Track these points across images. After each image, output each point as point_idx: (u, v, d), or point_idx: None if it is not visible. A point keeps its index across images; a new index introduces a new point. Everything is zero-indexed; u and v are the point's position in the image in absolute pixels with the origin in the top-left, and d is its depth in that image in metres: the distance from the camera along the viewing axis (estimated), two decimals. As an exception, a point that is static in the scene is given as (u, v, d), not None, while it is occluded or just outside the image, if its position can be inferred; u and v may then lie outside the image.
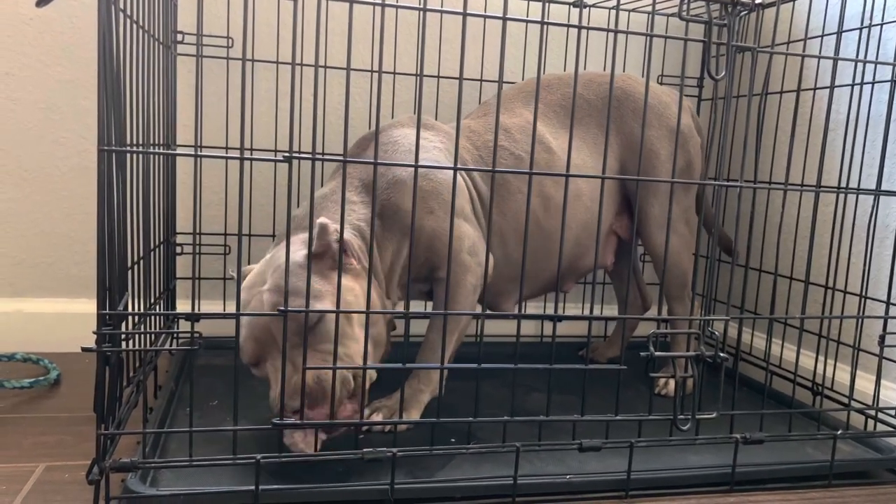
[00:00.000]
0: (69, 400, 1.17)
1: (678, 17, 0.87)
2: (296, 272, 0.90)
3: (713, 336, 0.95)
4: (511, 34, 1.55)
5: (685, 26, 0.90)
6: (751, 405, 1.22)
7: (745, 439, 0.97)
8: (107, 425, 0.80)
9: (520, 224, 1.14)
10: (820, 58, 0.98)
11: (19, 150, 1.38)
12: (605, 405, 1.00)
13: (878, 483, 1.03)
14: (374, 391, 1.13)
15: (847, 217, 1.27)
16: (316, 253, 0.91)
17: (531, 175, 0.86)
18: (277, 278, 0.91)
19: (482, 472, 0.92)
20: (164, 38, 1.22)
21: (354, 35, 1.49)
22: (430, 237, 1.05)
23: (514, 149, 1.16)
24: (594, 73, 1.28)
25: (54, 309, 1.42)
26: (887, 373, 1.17)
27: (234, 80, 1.42)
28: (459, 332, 1.08)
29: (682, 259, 1.26)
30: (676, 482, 0.96)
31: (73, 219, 1.42)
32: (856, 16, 1.27)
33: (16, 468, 0.92)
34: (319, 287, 0.90)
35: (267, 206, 1.46)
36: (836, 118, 1.30)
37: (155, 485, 0.83)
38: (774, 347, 1.41)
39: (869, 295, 1.20)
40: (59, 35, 1.37)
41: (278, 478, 0.87)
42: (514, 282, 1.19)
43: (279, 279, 0.90)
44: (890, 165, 1.21)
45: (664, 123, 1.23)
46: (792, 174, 1.39)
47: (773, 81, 1.48)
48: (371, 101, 1.50)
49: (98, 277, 0.79)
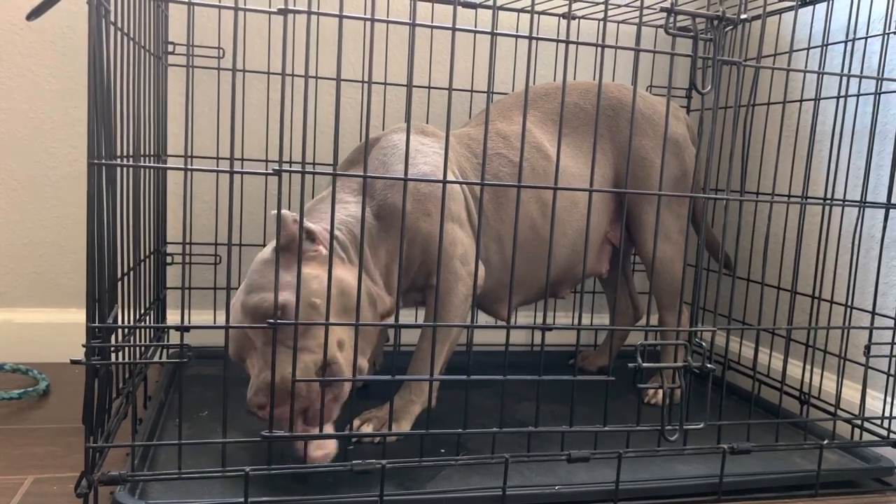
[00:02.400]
0: (58, 411, 1.16)
1: (665, 31, 0.88)
2: (260, 269, 0.94)
3: (701, 346, 0.96)
4: (501, 46, 1.56)
5: (672, 40, 0.91)
6: (738, 414, 1.23)
7: (733, 449, 0.97)
8: (95, 438, 0.80)
9: (519, 230, 1.15)
10: (805, 72, 0.99)
11: (9, 160, 1.38)
12: (594, 415, 1.01)
13: (864, 492, 1.04)
14: (365, 402, 1.13)
15: (833, 228, 1.28)
16: (282, 245, 0.91)
17: (519, 188, 0.87)
18: (248, 279, 0.95)
19: (471, 483, 0.92)
20: (155, 49, 1.22)
21: (345, 46, 1.49)
22: (425, 240, 1.05)
23: (513, 156, 1.16)
24: (592, 83, 1.28)
25: (44, 319, 1.41)
26: (873, 382, 1.18)
27: (224, 90, 1.42)
28: (451, 341, 1.08)
29: (676, 268, 1.27)
30: (664, 492, 0.96)
31: (63, 228, 1.41)
32: (841, 29, 1.29)
33: (4, 480, 0.92)
34: (281, 279, 0.91)
35: (257, 216, 1.46)
36: (822, 130, 1.32)
37: (144, 497, 0.83)
38: (762, 357, 1.42)
39: (855, 305, 1.21)
40: (50, 45, 1.37)
41: (268, 489, 0.87)
42: (514, 288, 1.20)
43: (249, 279, 0.94)
44: (875, 177, 1.22)
45: (660, 133, 1.24)
46: (778, 185, 1.41)
47: (759, 93, 1.50)
48: (362, 111, 1.51)
49: (87, 289, 0.79)
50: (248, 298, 0.92)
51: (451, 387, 1.23)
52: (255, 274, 0.94)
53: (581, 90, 1.26)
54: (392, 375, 0.87)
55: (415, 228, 1.05)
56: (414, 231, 1.05)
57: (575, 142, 1.23)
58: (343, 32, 0.75)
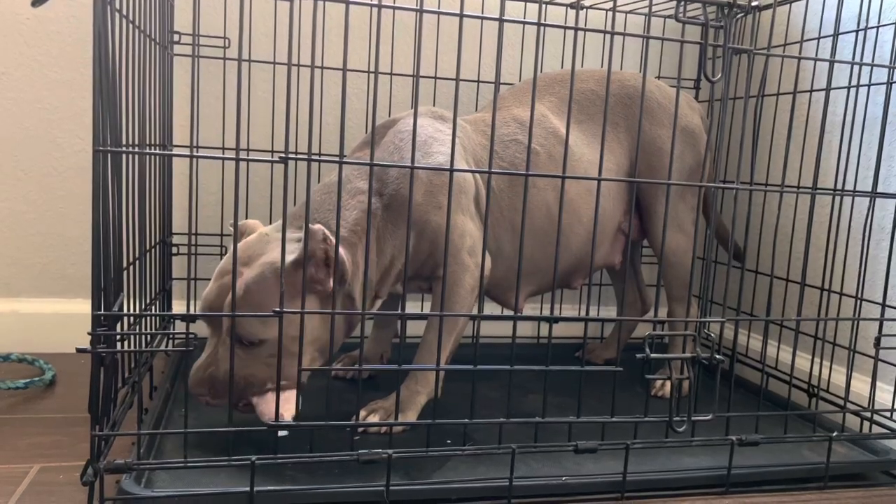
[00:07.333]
0: (64, 401, 1.17)
1: (675, 19, 0.87)
2: (262, 285, 0.91)
3: (709, 338, 0.95)
4: (508, 35, 1.55)
5: (682, 28, 0.90)
6: (747, 407, 1.22)
7: (741, 441, 0.97)
8: (101, 426, 0.80)
9: (533, 219, 1.14)
10: (816, 60, 0.98)
11: (16, 150, 1.38)
12: (601, 408, 1.00)
13: (873, 485, 1.03)
14: (371, 393, 1.13)
15: (843, 219, 1.27)
16: (300, 260, 0.91)
17: (527, 177, 0.86)
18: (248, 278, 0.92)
19: (478, 473, 0.92)
20: (161, 38, 1.22)
21: (351, 35, 1.49)
22: (435, 232, 1.04)
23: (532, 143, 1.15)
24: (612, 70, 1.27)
25: (50, 309, 1.41)
26: (883, 375, 1.17)
27: (230, 80, 1.42)
28: (457, 332, 1.08)
29: (689, 259, 1.26)
30: (672, 484, 0.96)
31: (69, 219, 1.41)
32: (852, 18, 1.27)
33: (10, 469, 0.92)
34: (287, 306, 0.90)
35: (263, 207, 1.46)
36: (833, 120, 1.31)
37: (150, 486, 0.83)
38: (770, 349, 1.42)
39: (865, 297, 1.20)
40: (56, 35, 1.36)
41: (274, 479, 0.86)
42: (527, 277, 1.19)
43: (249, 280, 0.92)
44: (886, 167, 1.21)
45: (676, 123, 1.23)
46: (788, 176, 1.39)
47: (769, 83, 1.48)
48: (368, 101, 1.50)
49: (93, 278, 0.79)
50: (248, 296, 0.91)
51: (457, 379, 1.22)
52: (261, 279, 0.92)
53: (598, 77, 1.25)
54: (399, 365, 0.87)
55: (424, 221, 1.04)
56: (424, 224, 1.04)
57: (591, 129, 1.22)
58: (349, 21, 0.74)
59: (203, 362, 0.93)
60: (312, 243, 0.90)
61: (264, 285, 0.90)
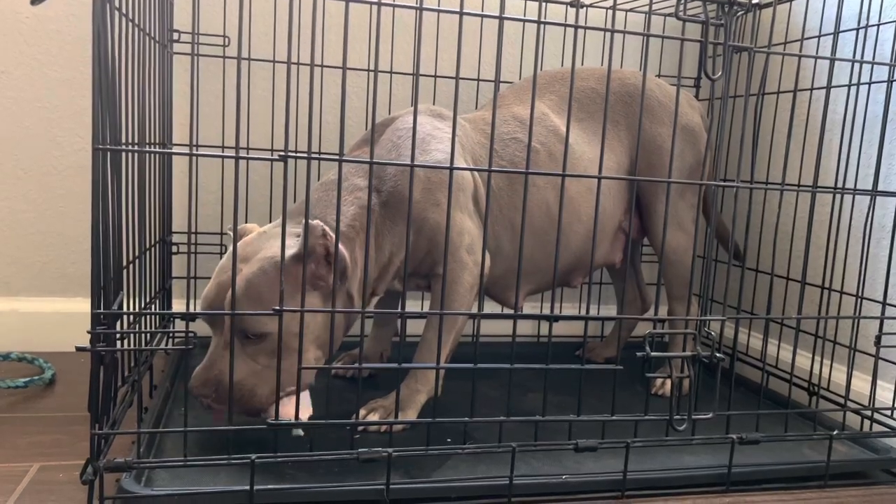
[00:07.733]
0: (64, 399, 1.16)
1: (675, 17, 0.87)
2: (262, 279, 0.90)
3: (710, 336, 0.95)
4: (508, 33, 1.55)
5: (682, 26, 0.90)
6: (747, 405, 1.22)
7: (742, 440, 0.97)
8: (101, 425, 0.80)
9: (533, 218, 1.14)
10: (817, 58, 0.98)
11: (16, 149, 1.37)
12: (602, 407, 1.00)
13: (873, 483, 1.03)
14: (371, 392, 1.13)
15: (843, 217, 1.27)
16: (299, 256, 0.91)
17: (527, 175, 0.86)
18: (248, 273, 0.91)
19: (478, 472, 0.92)
20: (161, 36, 1.22)
21: (351, 34, 1.48)
22: (433, 230, 1.04)
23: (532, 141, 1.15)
24: (612, 69, 1.27)
25: (50, 308, 1.41)
26: (883, 373, 1.17)
27: (230, 78, 1.42)
28: (457, 331, 1.08)
29: (688, 258, 1.26)
30: (672, 482, 0.96)
31: (69, 218, 1.41)
32: (853, 16, 1.27)
33: (10, 468, 0.92)
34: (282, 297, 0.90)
35: (263, 205, 1.46)
36: (833, 118, 1.30)
37: (150, 485, 0.83)
38: (771, 348, 1.41)
39: (865, 295, 1.20)
40: (56, 33, 1.36)
41: (273, 477, 0.86)
42: (527, 275, 1.19)
43: (249, 275, 0.91)
44: (886, 166, 1.21)
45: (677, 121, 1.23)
46: (788, 174, 1.39)
47: (770, 81, 1.48)
48: (367, 100, 1.50)
49: (93, 276, 0.79)
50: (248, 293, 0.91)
51: (457, 378, 1.22)
52: (254, 268, 0.92)
53: (598, 75, 1.25)
54: (398, 364, 0.87)
55: (422, 218, 1.04)
56: (422, 221, 1.04)
57: (592, 127, 1.22)
58: (349, 19, 0.74)
59: (207, 362, 0.93)
60: (311, 239, 0.90)
61: (265, 279, 0.90)
